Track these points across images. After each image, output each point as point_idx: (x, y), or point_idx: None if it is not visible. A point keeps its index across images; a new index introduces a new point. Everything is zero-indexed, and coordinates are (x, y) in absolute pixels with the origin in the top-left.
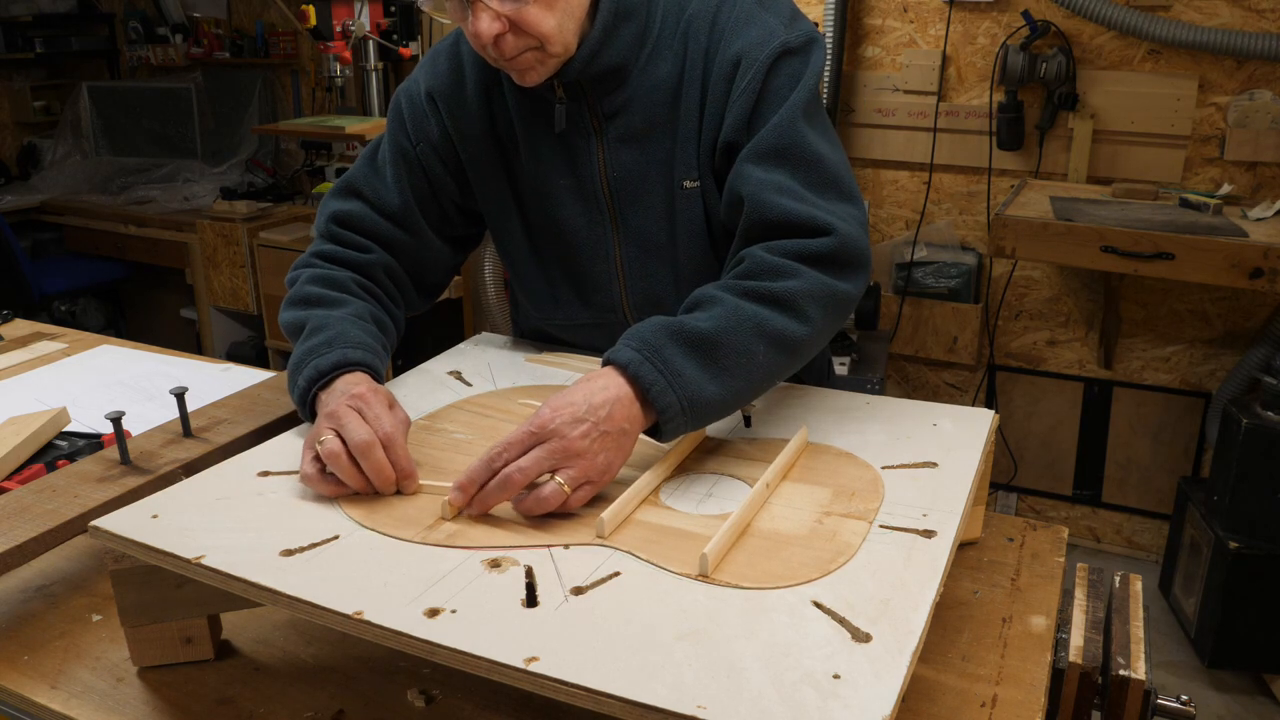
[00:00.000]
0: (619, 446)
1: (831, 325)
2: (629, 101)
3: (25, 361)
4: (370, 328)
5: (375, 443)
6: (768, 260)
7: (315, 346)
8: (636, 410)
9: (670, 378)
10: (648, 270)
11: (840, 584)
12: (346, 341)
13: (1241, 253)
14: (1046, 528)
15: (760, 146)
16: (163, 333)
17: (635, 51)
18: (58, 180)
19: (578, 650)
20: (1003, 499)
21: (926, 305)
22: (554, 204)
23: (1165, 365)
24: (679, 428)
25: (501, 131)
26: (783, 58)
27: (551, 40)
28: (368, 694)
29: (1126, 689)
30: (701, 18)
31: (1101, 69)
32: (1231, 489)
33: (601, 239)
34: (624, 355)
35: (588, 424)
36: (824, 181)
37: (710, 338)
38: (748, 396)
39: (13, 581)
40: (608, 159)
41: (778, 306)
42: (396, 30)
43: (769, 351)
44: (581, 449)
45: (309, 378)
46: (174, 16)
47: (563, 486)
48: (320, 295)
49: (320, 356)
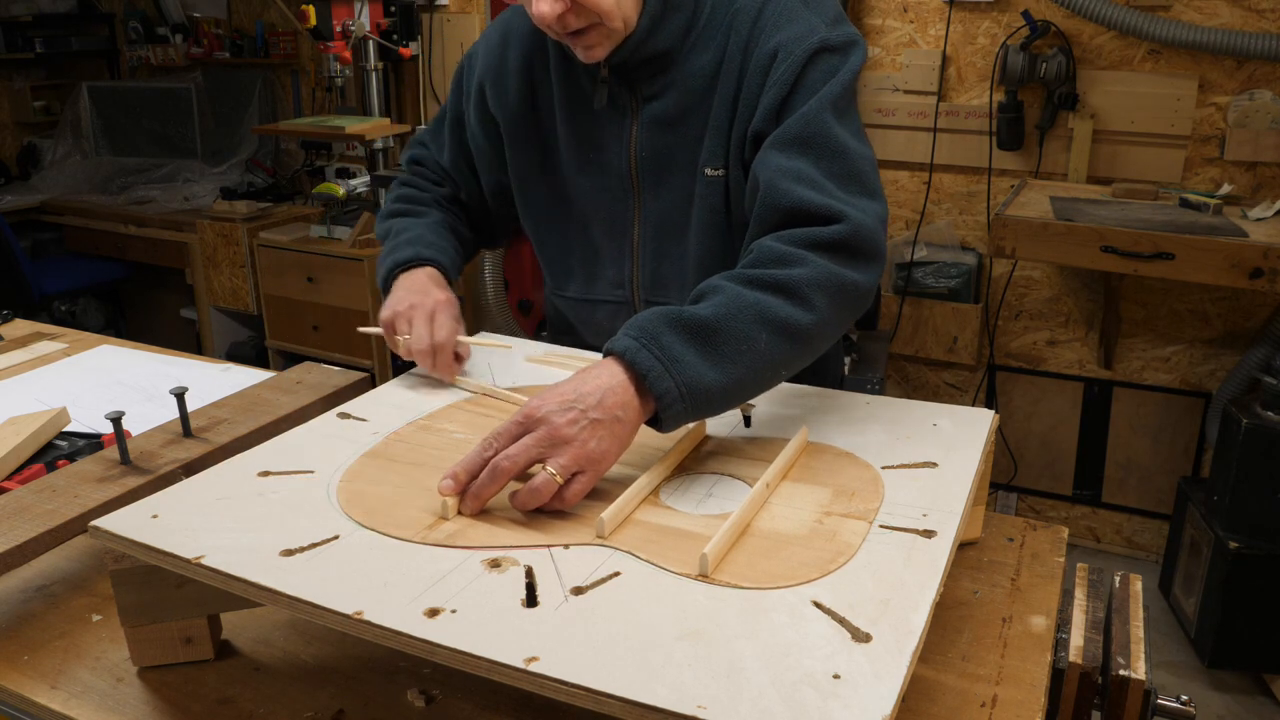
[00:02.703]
0: (612, 434)
1: (840, 315)
2: (668, 86)
3: (25, 361)
4: (446, 233)
5: (428, 350)
6: (775, 249)
7: (398, 244)
8: (631, 397)
9: (668, 364)
10: (662, 251)
11: (840, 584)
12: (422, 242)
13: (1241, 253)
14: (1046, 528)
15: (785, 134)
16: (163, 333)
17: (681, 40)
18: (58, 180)
19: (578, 650)
20: (1003, 499)
21: (926, 305)
22: (582, 177)
23: (1165, 365)
24: (679, 416)
25: (541, 103)
26: (821, 54)
27: (611, 16)
28: (368, 694)
29: (1126, 689)
30: (747, 11)
31: (1101, 69)
32: (1231, 489)
33: (622, 215)
34: (621, 343)
35: (575, 411)
36: (846, 174)
37: (710, 324)
38: (751, 385)
39: (13, 581)
40: (639, 139)
41: (781, 293)
42: (396, 30)
43: (772, 339)
44: (570, 435)
45: (389, 267)
46: (174, 16)
47: (554, 476)
48: (406, 209)
49: (400, 252)
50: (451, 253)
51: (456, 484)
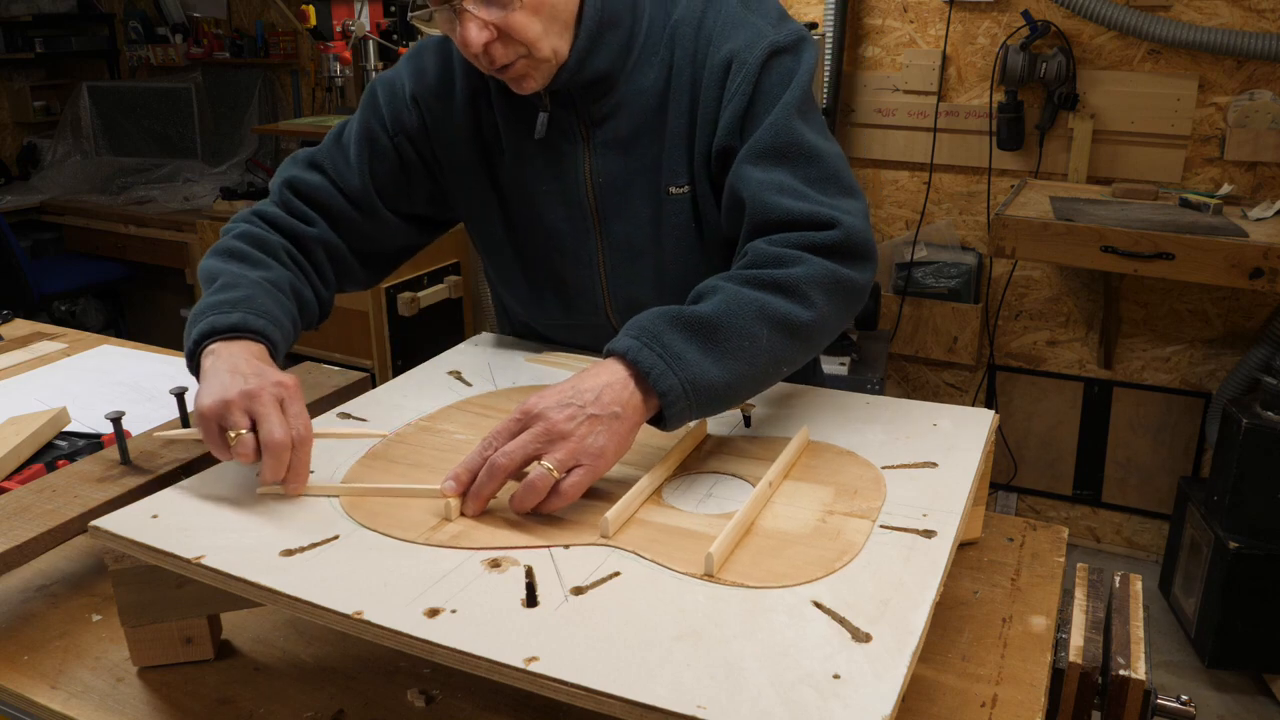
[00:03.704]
0: (610, 430)
1: (839, 311)
2: (617, 108)
3: (25, 361)
4: (283, 299)
5: (288, 446)
6: (771, 251)
7: (220, 303)
8: (631, 395)
9: (670, 360)
10: (630, 275)
11: (840, 584)
12: (251, 307)
13: (1241, 253)
14: (1046, 528)
15: (758, 147)
16: (163, 333)
17: (622, 59)
18: (58, 180)
19: (578, 650)
20: (1003, 499)
21: (926, 305)
22: (537, 208)
23: (1165, 365)
24: (683, 413)
25: (487, 135)
26: (773, 57)
27: (538, 46)
28: (368, 694)
29: (1126, 689)
30: (687, 23)
31: (1101, 69)
32: (1231, 489)
33: (584, 244)
34: (622, 343)
35: (573, 407)
36: (824, 177)
37: (711, 321)
38: (753, 381)
39: (13, 581)
40: (594, 165)
41: (780, 292)
42: (396, 30)
43: (773, 335)
44: (567, 430)
45: (203, 331)
46: (174, 16)
47: (550, 470)
48: (245, 252)
49: (221, 314)
50: (287, 326)
51: (459, 484)
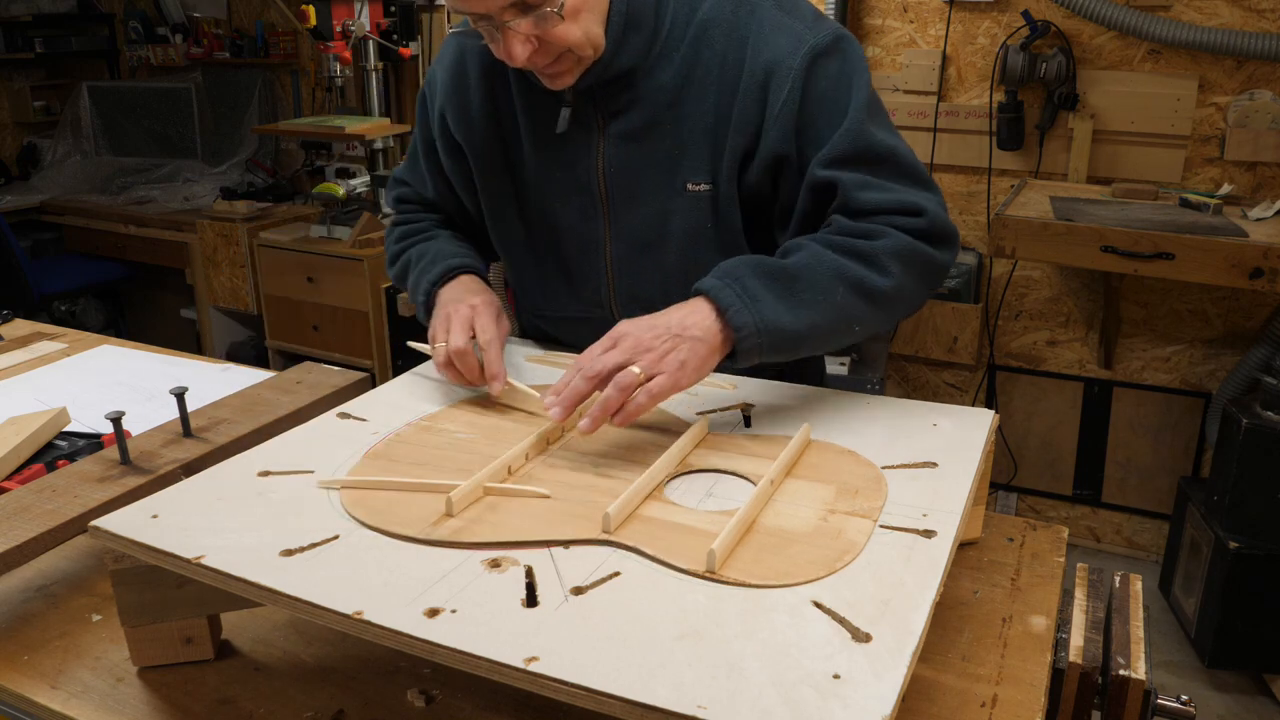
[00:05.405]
0: (692, 349)
1: (917, 284)
2: (634, 101)
3: (25, 361)
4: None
5: (469, 350)
6: (856, 225)
7: (422, 269)
8: (712, 324)
9: (747, 300)
10: (636, 268)
11: (840, 584)
12: (444, 255)
13: (1241, 253)
14: (1046, 528)
15: (836, 155)
16: (163, 333)
17: (644, 57)
18: (58, 180)
19: (578, 650)
20: (1003, 499)
21: (926, 305)
22: (551, 197)
23: (1165, 365)
24: (753, 350)
25: (504, 123)
26: (816, 62)
27: (581, 47)
28: (368, 694)
29: (1126, 689)
30: (717, 24)
31: (1101, 69)
32: (1231, 489)
33: (594, 234)
34: (707, 283)
35: (659, 328)
36: (903, 173)
37: (790, 272)
38: (824, 335)
39: (13, 581)
40: (607, 155)
41: (860, 259)
42: (396, 30)
43: (848, 294)
44: (652, 345)
45: (425, 292)
46: (174, 16)
47: (638, 374)
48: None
49: (426, 274)
50: (476, 256)
51: (565, 409)
